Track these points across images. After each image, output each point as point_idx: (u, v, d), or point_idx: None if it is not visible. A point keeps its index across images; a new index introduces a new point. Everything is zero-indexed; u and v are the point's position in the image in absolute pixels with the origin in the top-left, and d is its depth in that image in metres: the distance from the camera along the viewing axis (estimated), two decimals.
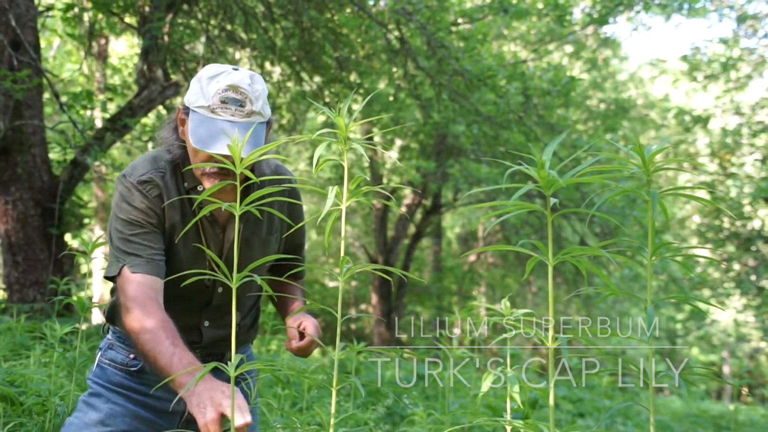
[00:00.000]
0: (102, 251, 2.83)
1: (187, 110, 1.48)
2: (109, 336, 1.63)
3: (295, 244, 1.71)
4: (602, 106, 11.19)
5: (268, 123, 1.53)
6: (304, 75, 6.29)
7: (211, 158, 1.43)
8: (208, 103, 1.42)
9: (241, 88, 1.42)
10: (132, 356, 1.58)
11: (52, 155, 5.06)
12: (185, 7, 5.29)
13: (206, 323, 1.63)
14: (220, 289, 1.61)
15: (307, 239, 1.76)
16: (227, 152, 1.36)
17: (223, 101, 1.41)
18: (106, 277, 1.50)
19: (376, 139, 6.30)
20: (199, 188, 1.53)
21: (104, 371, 1.58)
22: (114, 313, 1.58)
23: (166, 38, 4.93)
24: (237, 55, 6.45)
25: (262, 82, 1.50)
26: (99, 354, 1.62)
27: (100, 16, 5.83)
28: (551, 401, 0.93)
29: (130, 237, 1.47)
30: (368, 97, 1.25)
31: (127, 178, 1.51)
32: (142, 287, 1.43)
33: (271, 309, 3.89)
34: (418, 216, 11.48)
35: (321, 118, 9.90)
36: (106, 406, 1.53)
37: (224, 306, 1.62)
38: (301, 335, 1.52)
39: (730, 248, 10.43)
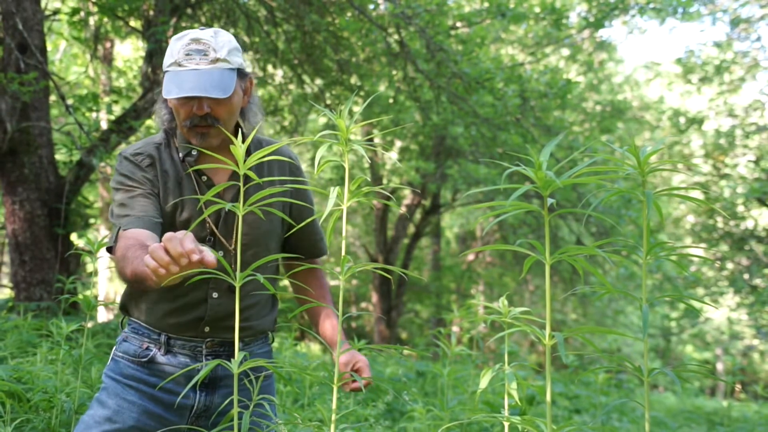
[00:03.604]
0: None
1: (163, 76, 1.52)
2: (126, 329, 1.64)
3: (303, 217, 1.64)
4: (598, 108, 11.26)
5: (244, 74, 1.55)
6: (305, 78, 6.34)
7: (191, 113, 1.48)
8: (174, 59, 1.47)
9: (203, 40, 1.47)
10: (145, 346, 1.57)
11: (58, 156, 5.09)
12: (189, 11, 5.35)
13: (214, 294, 1.56)
14: (220, 252, 1.55)
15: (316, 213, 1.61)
16: (193, 93, 1.42)
17: (188, 54, 1.46)
18: (108, 249, 1.51)
19: (377, 140, 6.38)
20: (194, 152, 1.57)
21: (117, 364, 1.59)
22: (127, 300, 1.62)
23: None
24: None
25: (229, 35, 1.52)
26: (114, 348, 1.63)
27: (105, 19, 5.86)
28: (548, 398, 0.93)
29: (124, 202, 1.50)
30: (368, 100, 1.24)
31: (122, 154, 1.58)
32: (134, 236, 1.40)
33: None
34: (418, 216, 11.56)
35: (322, 120, 9.97)
36: (114, 402, 1.53)
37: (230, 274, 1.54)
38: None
39: (724, 247, 10.52)
